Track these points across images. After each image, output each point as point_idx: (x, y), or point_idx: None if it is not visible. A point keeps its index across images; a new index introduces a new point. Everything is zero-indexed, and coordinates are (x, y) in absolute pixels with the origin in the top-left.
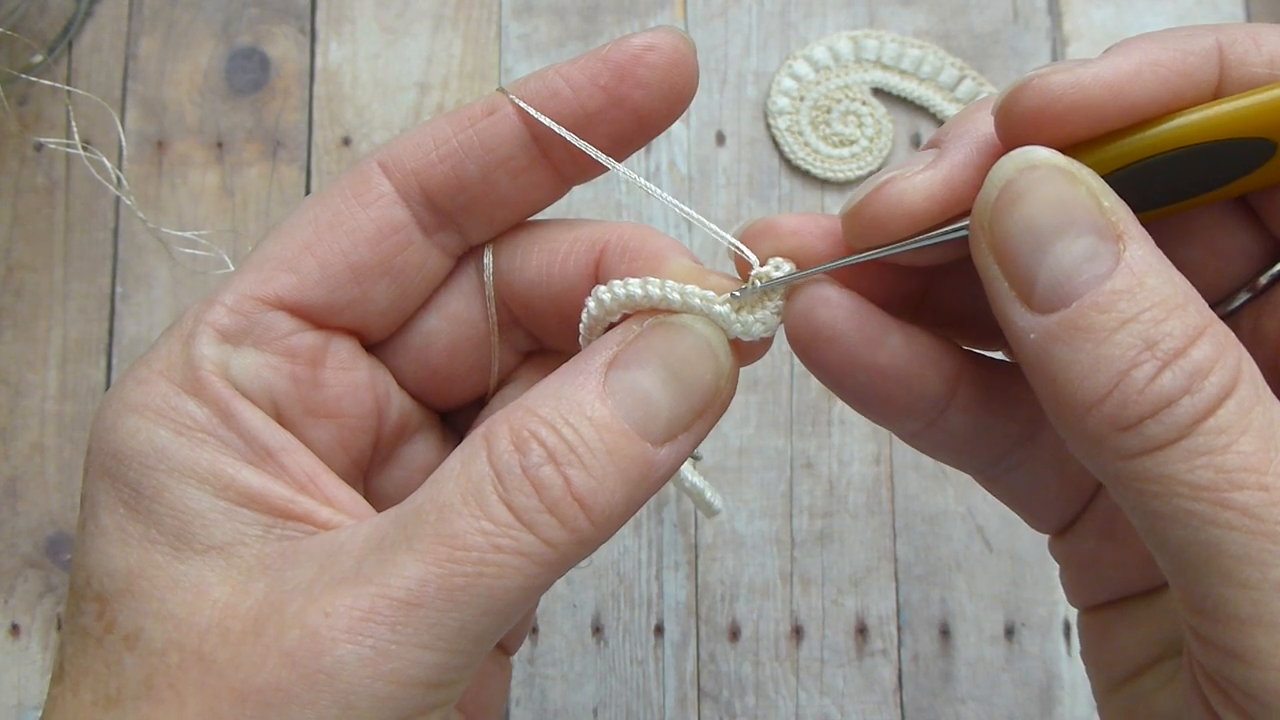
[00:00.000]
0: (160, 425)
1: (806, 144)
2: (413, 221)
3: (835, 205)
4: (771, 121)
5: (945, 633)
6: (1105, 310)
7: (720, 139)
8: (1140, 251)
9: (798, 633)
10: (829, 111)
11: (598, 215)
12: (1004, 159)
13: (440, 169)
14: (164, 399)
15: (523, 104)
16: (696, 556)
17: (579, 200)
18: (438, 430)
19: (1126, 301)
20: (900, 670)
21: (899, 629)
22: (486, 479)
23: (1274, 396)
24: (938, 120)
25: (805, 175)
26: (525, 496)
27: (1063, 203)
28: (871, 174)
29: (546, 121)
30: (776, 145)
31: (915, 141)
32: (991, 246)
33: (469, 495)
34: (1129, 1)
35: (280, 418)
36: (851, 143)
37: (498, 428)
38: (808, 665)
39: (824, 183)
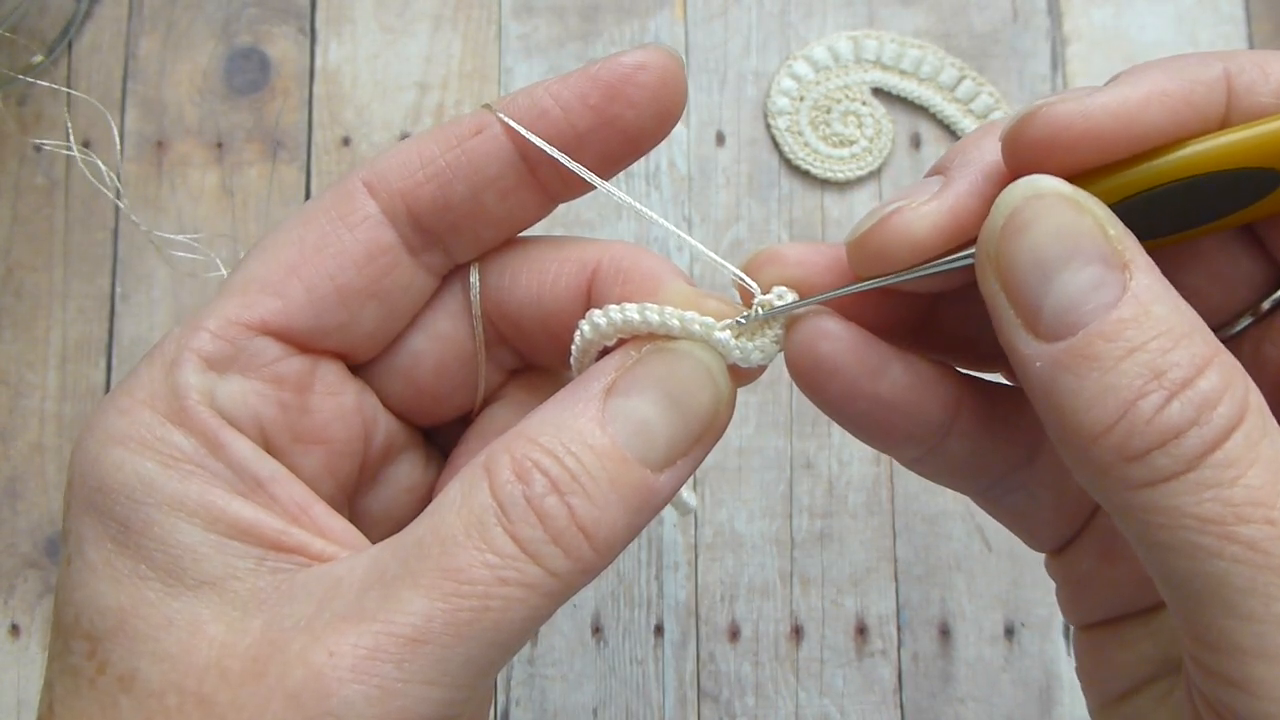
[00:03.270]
0: (146, 457)
1: (806, 144)
2: (399, 243)
3: (835, 206)
4: (771, 121)
5: (945, 633)
6: (1112, 339)
7: (720, 139)
8: (1146, 280)
9: (797, 633)
10: (829, 111)
11: (598, 216)
12: (1011, 187)
13: (427, 189)
14: (149, 430)
15: (514, 124)
16: (696, 556)
17: (579, 201)
18: (421, 449)
19: (1133, 330)
20: (900, 670)
21: (899, 629)
22: (490, 510)
23: (1279, 426)
24: (938, 120)
25: (805, 175)
26: (530, 527)
27: (1069, 232)
28: (871, 174)
29: (538, 142)
30: (776, 145)
31: (915, 141)
32: (998, 274)
33: (472, 527)
34: (1129, 1)
35: (268, 446)
36: (851, 143)
37: (499, 457)
38: (807, 665)
39: (824, 183)
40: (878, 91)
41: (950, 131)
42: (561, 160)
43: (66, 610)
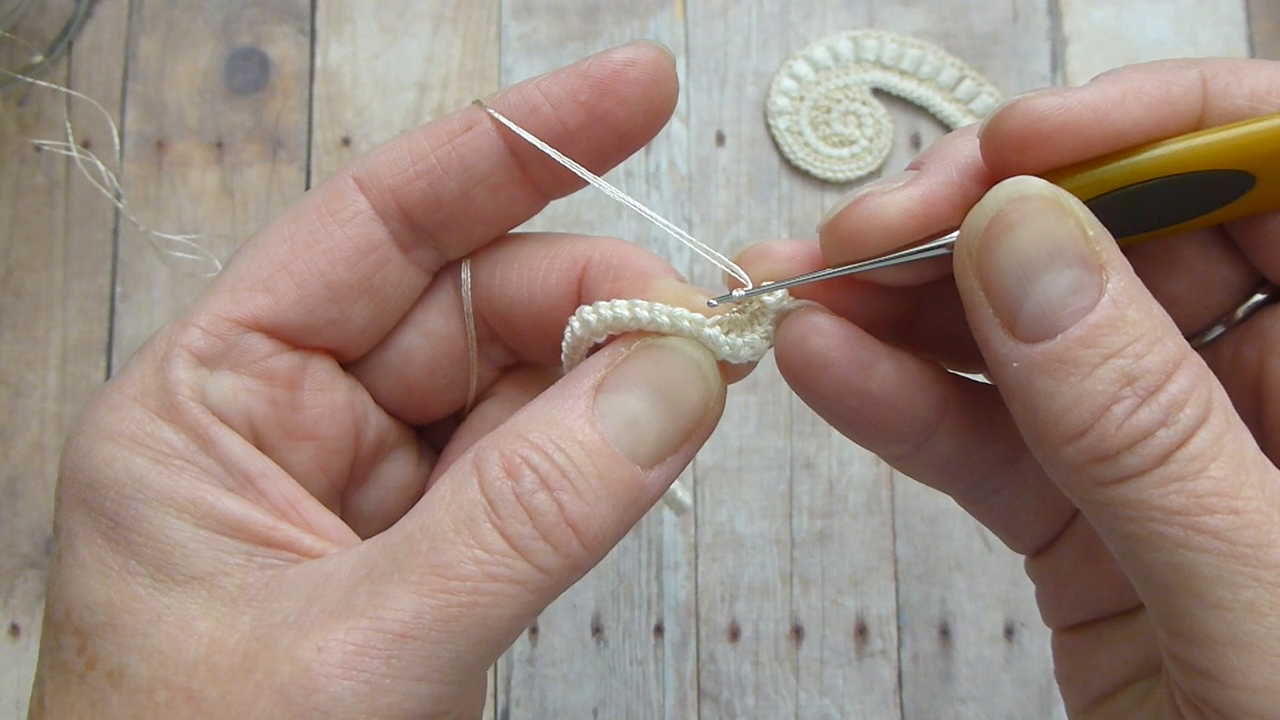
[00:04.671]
0: (136, 453)
1: (806, 144)
2: (390, 239)
3: None
4: (771, 121)
5: (945, 633)
6: (1089, 345)
7: (720, 139)
8: (1122, 283)
9: (798, 633)
10: (829, 111)
11: (597, 213)
12: (996, 188)
13: (418, 185)
14: (139, 425)
15: (505, 120)
16: (696, 556)
17: (578, 200)
18: (414, 446)
19: (1109, 335)
20: (900, 670)
21: (899, 629)
22: (479, 506)
23: (1242, 424)
24: (937, 120)
25: (805, 175)
26: (519, 524)
27: (1051, 234)
28: (871, 174)
29: (529, 138)
30: (776, 145)
31: (915, 141)
32: (978, 273)
33: (461, 523)
34: (1129, 1)
35: (258, 442)
36: (851, 143)
37: (488, 454)
38: (808, 665)
39: (824, 183)
40: (878, 91)
41: (950, 131)
42: (553, 156)
43: (57, 606)
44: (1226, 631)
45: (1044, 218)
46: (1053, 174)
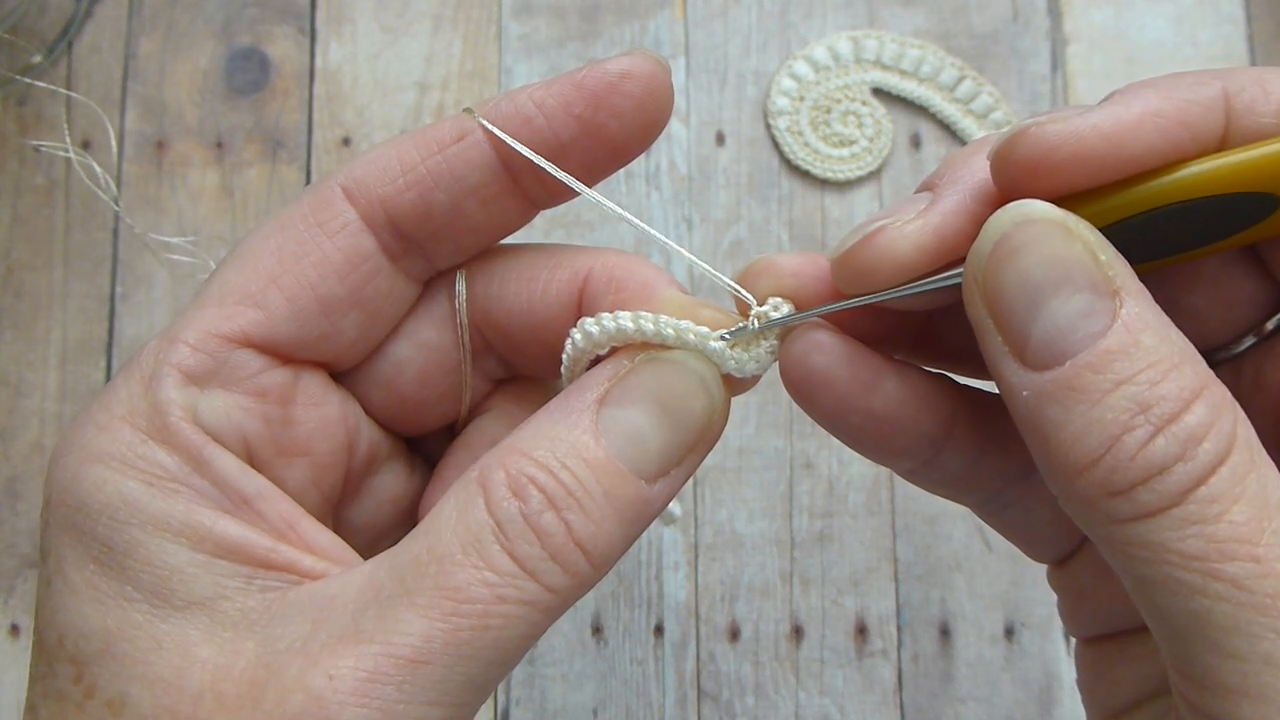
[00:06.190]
0: (129, 476)
1: (806, 144)
2: (379, 250)
3: (835, 206)
4: (771, 121)
5: (945, 633)
6: (1099, 370)
7: (720, 139)
8: (1137, 308)
9: (798, 633)
10: (829, 111)
11: (599, 217)
12: (999, 212)
13: (407, 196)
14: (130, 447)
15: (499, 132)
16: (696, 556)
17: (579, 201)
18: (404, 459)
19: (1122, 361)
20: (900, 670)
21: (899, 629)
22: (487, 528)
23: (1269, 459)
24: (937, 120)
25: (805, 175)
26: (528, 545)
27: (1058, 258)
28: (871, 174)
29: (525, 152)
30: (776, 145)
31: (915, 141)
32: (985, 300)
33: (469, 545)
34: (1129, 2)
35: (252, 460)
36: (851, 143)
37: (493, 473)
38: (808, 665)
39: (824, 183)
40: (878, 91)
41: (950, 131)
42: (548, 170)
43: (49, 632)
44: (1241, 683)
45: (1050, 241)
46: (1068, 199)
